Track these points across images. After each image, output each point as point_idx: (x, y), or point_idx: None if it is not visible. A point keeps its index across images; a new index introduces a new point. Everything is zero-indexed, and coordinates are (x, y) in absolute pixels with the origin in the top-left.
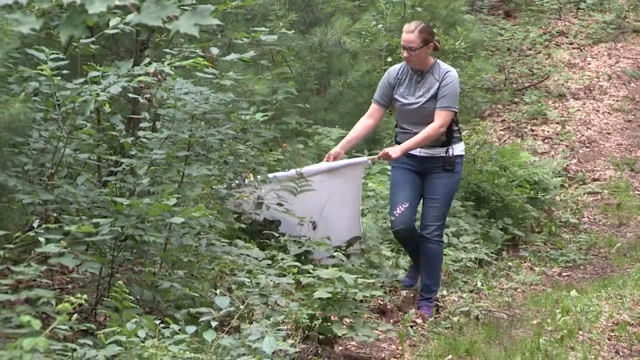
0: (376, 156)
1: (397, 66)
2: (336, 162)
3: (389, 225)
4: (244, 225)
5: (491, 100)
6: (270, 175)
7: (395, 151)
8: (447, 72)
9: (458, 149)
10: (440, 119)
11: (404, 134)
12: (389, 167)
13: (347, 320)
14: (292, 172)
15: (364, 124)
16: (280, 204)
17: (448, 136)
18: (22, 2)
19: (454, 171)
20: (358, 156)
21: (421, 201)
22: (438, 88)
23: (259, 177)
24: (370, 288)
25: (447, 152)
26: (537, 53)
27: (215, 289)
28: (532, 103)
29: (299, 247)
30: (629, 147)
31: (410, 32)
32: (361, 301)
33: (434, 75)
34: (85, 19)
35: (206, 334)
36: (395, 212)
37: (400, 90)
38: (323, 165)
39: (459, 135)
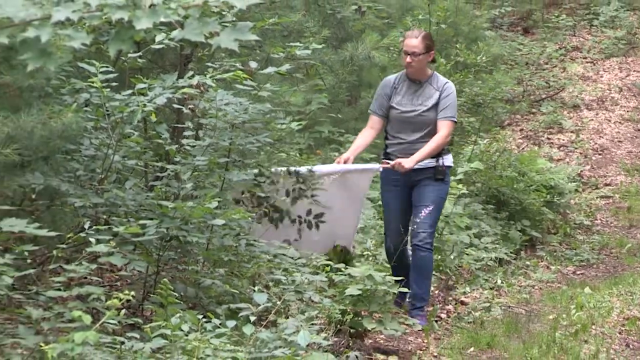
0: (389, 165)
1: (392, 77)
2: (349, 165)
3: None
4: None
5: (510, 111)
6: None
7: (408, 162)
8: (446, 83)
9: (448, 160)
10: (446, 128)
11: (398, 145)
12: None
13: (376, 315)
14: (304, 169)
15: (366, 134)
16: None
17: None
18: (73, 19)
19: (444, 181)
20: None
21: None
22: (439, 98)
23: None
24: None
25: (437, 161)
26: (553, 67)
27: (254, 286)
28: (548, 113)
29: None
30: (638, 154)
31: (414, 38)
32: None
33: (432, 85)
34: (132, 34)
35: (245, 328)
36: (388, 239)
37: (398, 99)
38: (335, 166)
39: (448, 147)
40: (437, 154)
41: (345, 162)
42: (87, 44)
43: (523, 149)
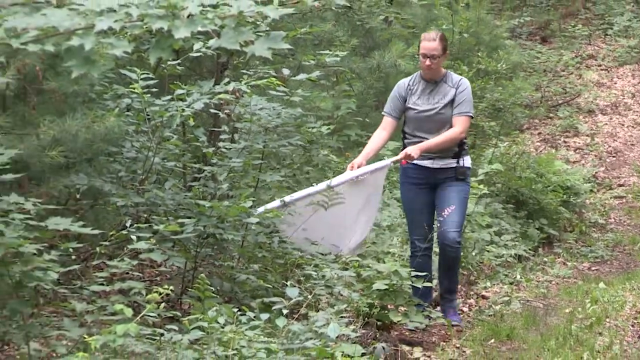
0: (398, 157)
1: (406, 79)
2: (361, 168)
3: (410, 247)
4: None
5: (529, 116)
6: (302, 192)
7: (414, 150)
8: (461, 79)
9: (468, 161)
10: (461, 124)
11: (417, 143)
12: None
13: (402, 308)
14: (323, 185)
15: (379, 137)
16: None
17: (460, 147)
18: (115, 28)
19: (465, 181)
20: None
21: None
22: (455, 94)
23: (287, 198)
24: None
25: (458, 162)
26: (570, 74)
27: (286, 281)
28: (565, 118)
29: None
30: None
31: (432, 40)
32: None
33: (447, 83)
34: (171, 43)
35: (278, 321)
36: (416, 239)
37: (414, 100)
38: (349, 174)
39: (467, 148)
40: (457, 155)
41: (358, 167)
42: (128, 52)
43: (541, 151)
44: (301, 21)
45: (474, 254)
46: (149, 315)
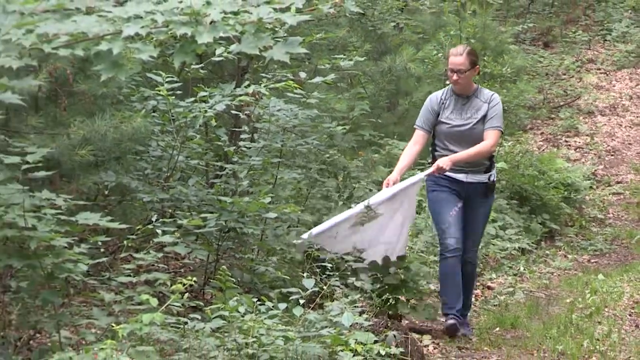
0: (430, 170)
1: (438, 93)
2: (397, 185)
3: (439, 251)
4: None
5: (532, 116)
6: (342, 216)
7: (446, 162)
8: (493, 94)
9: (495, 175)
10: (492, 138)
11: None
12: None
13: (412, 301)
14: (361, 206)
15: (411, 151)
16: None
17: (490, 161)
18: (142, 34)
19: (492, 196)
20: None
21: None
22: (488, 109)
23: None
24: (433, 276)
25: (489, 178)
26: (570, 77)
27: (303, 273)
28: (566, 118)
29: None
30: None
31: (459, 55)
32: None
33: (479, 98)
34: (195, 48)
35: (295, 310)
36: (449, 237)
37: (447, 114)
38: (387, 191)
39: (495, 161)
40: (489, 170)
41: (394, 183)
42: (154, 57)
43: (543, 150)
44: (317, 27)
45: (480, 247)
46: (173, 305)
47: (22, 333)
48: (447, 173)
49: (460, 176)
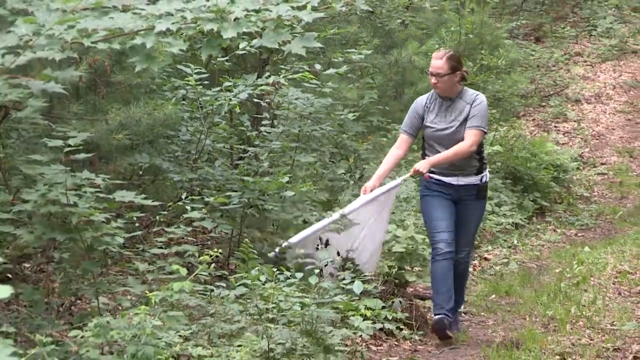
0: (407, 175)
1: (423, 97)
2: (374, 192)
3: (431, 254)
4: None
5: (524, 104)
6: (317, 225)
7: (423, 164)
8: (477, 95)
9: (487, 176)
10: (470, 137)
11: None
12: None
13: (416, 269)
14: (337, 215)
15: (394, 155)
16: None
17: (480, 163)
18: (172, 29)
19: (484, 198)
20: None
21: None
22: (469, 110)
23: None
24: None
25: (481, 180)
26: (560, 69)
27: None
28: (555, 106)
29: None
30: (628, 139)
31: (438, 59)
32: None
33: (463, 100)
34: (220, 42)
35: (311, 279)
36: (440, 241)
37: (431, 118)
38: (363, 198)
39: (486, 162)
40: (480, 171)
41: (372, 190)
42: (183, 50)
43: (535, 135)
44: (330, 24)
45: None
46: (201, 274)
47: (65, 300)
48: (438, 177)
49: (452, 179)
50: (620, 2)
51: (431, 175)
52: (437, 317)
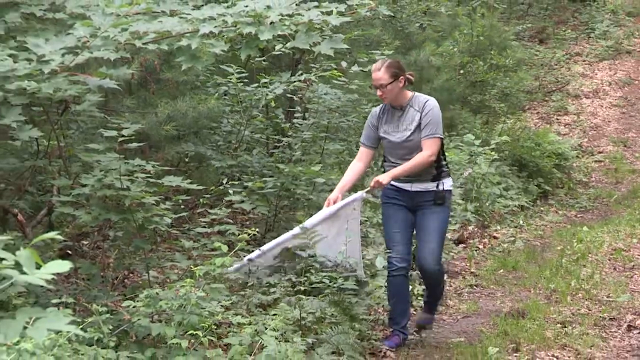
0: (369, 187)
1: (377, 108)
2: (336, 204)
3: (387, 267)
4: None
5: (529, 99)
6: (278, 240)
7: (384, 177)
8: (426, 101)
9: (447, 183)
10: (428, 147)
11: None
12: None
13: None
14: (296, 229)
15: (355, 168)
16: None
17: (438, 170)
18: (215, 32)
19: (444, 205)
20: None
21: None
22: (420, 118)
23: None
24: (451, 224)
25: (437, 186)
26: (561, 67)
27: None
28: (557, 101)
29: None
30: (622, 130)
31: (377, 70)
32: None
33: (413, 107)
34: (258, 43)
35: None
36: (393, 256)
37: (385, 128)
38: (324, 211)
39: (447, 170)
40: (436, 178)
41: (334, 202)
42: (225, 50)
43: (539, 126)
44: (356, 27)
45: (487, 204)
46: (240, 251)
47: (118, 273)
48: (393, 183)
49: (406, 185)
50: (616, 7)
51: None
52: (390, 341)
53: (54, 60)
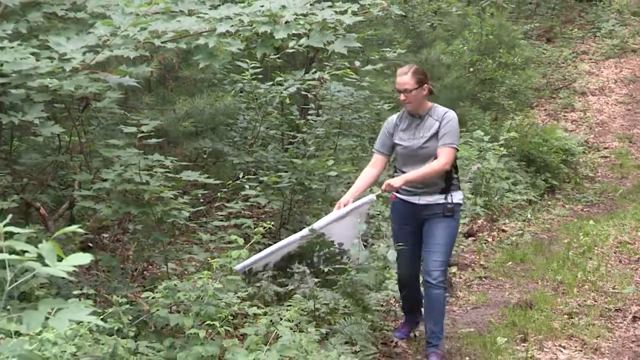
0: (380, 190)
1: (394, 115)
2: (346, 207)
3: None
4: None
5: (537, 96)
6: (289, 239)
7: (396, 181)
8: (446, 112)
9: (457, 197)
10: (445, 155)
11: None
12: None
13: None
14: (305, 231)
15: (368, 175)
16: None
17: (447, 183)
18: (231, 31)
19: (453, 217)
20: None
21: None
22: (439, 127)
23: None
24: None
25: (446, 199)
26: (568, 65)
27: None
28: (564, 98)
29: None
30: (628, 127)
31: (404, 75)
32: None
33: (432, 117)
34: (273, 42)
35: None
36: (401, 274)
37: (401, 135)
38: (333, 214)
39: (457, 183)
40: (445, 191)
41: (345, 206)
42: (241, 49)
43: (546, 123)
44: (368, 26)
45: (496, 198)
46: (256, 243)
47: (138, 265)
48: (400, 196)
49: (413, 199)
50: (622, 7)
51: (396, 194)
52: (401, 324)
53: (75, 59)
